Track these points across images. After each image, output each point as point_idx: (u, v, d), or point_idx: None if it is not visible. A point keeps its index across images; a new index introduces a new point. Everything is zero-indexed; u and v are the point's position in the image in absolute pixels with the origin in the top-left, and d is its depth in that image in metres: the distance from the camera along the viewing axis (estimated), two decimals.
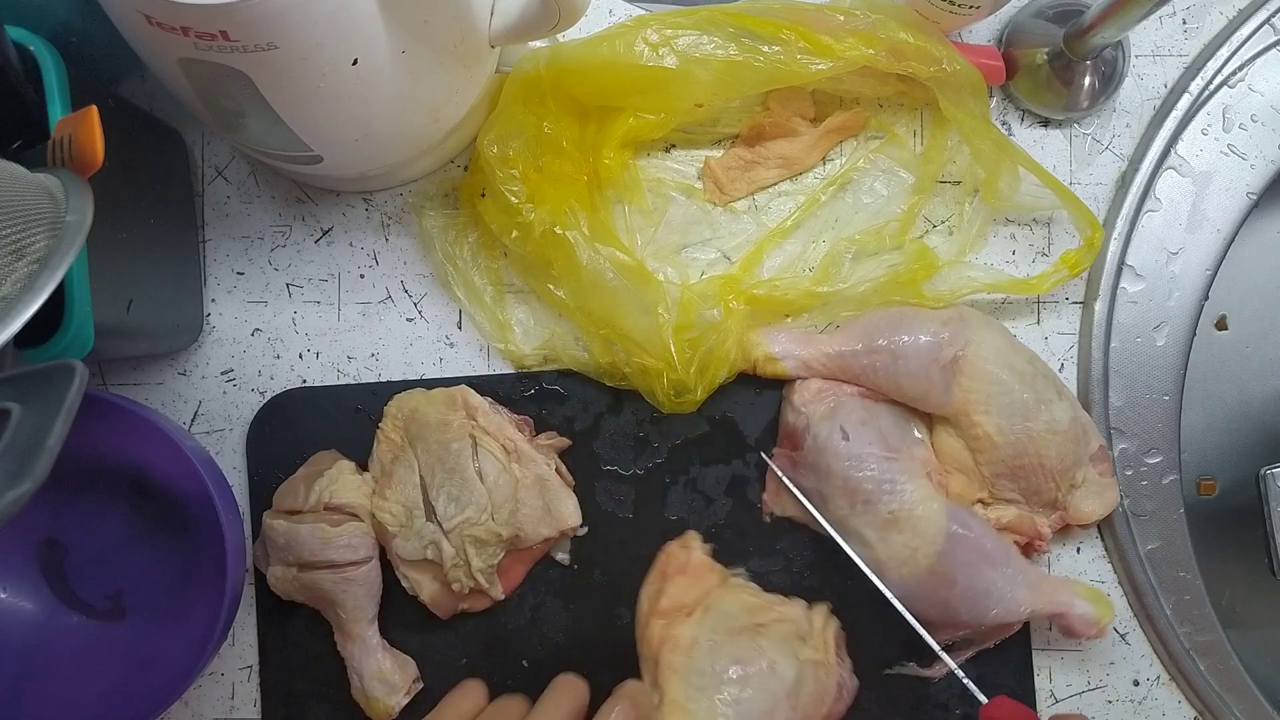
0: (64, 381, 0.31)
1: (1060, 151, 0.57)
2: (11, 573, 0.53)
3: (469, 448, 0.51)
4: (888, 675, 0.54)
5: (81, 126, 0.37)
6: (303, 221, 0.57)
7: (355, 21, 0.37)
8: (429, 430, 0.52)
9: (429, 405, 0.53)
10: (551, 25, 0.43)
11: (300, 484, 0.52)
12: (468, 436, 0.51)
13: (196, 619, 0.49)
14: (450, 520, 0.50)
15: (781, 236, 0.56)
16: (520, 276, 0.56)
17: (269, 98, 0.39)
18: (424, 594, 0.52)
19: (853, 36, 0.51)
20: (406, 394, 0.54)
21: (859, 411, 0.52)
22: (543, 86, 0.51)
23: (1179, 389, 0.55)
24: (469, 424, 0.52)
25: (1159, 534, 0.55)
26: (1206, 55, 0.56)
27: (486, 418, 0.52)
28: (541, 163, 0.52)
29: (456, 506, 0.50)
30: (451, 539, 0.50)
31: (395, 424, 0.53)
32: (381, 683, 0.52)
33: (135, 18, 0.35)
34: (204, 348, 0.56)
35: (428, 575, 0.52)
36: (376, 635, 0.53)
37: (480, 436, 0.52)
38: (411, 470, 0.52)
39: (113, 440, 0.50)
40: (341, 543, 0.50)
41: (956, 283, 0.54)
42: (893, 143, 0.56)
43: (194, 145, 0.57)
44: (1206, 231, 0.55)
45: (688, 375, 0.51)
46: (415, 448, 0.52)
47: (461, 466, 0.51)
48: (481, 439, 0.51)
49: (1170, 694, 0.56)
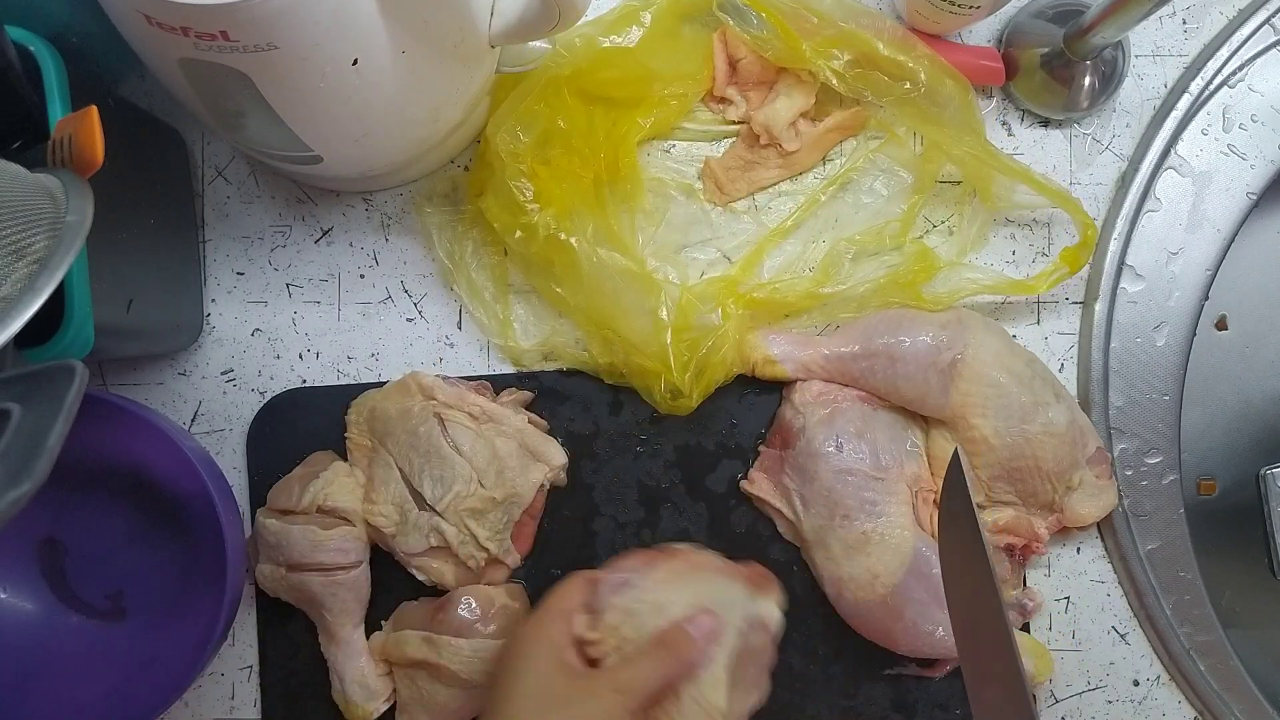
0: (64, 381, 0.31)
1: (1060, 151, 0.57)
2: (11, 573, 0.53)
3: (436, 426, 0.51)
4: (888, 675, 0.54)
5: (81, 126, 0.37)
6: (303, 221, 0.57)
7: (355, 21, 0.37)
8: (393, 423, 0.52)
9: (385, 400, 0.53)
10: (551, 25, 0.43)
11: (295, 484, 0.52)
12: (432, 416, 0.51)
13: (196, 619, 0.49)
14: (441, 501, 0.50)
15: (781, 237, 0.56)
16: (521, 274, 0.56)
17: (269, 98, 0.39)
18: (446, 580, 0.52)
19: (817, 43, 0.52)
20: (361, 397, 0.54)
21: (856, 421, 0.52)
22: (560, 79, 0.51)
23: (1179, 389, 0.55)
24: (430, 404, 0.52)
25: (1159, 534, 0.55)
26: (1206, 55, 0.56)
27: (444, 393, 0.52)
28: (549, 156, 0.52)
29: (442, 486, 0.50)
30: (449, 519, 0.50)
31: (359, 428, 0.53)
32: (362, 687, 0.52)
33: (135, 18, 0.35)
34: (204, 348, 0.56)
35: (441, 561, 0.52)
36: (362, 640, 0.53)
37: (445, 412, 0.51)
38: (390, 467, 0.52)
39: (113, 440, 0.50)
40: (332, 546, 0.50)
41: (956, 284, 0.54)
42: (893, 143, 0.56)
43: (194, 145, 0.57)
44: (1206, 231, 0.55)
45: (683, 380, 0.51)
46: (386, 445, 0.52)
47: (435, 446, 0.51)
48: (446, 414, 0.51)
49: (1170, 694, 0.56)
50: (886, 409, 0.53)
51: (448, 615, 0.50)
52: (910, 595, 0.50)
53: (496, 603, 0.51)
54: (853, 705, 0.54)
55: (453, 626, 0.50)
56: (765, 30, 0.52)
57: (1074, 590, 0.56)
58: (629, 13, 0.53)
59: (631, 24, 0.53)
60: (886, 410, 0.53)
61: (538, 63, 0.51)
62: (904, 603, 0.50)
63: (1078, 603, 0.56)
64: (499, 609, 0.51)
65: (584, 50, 0.52)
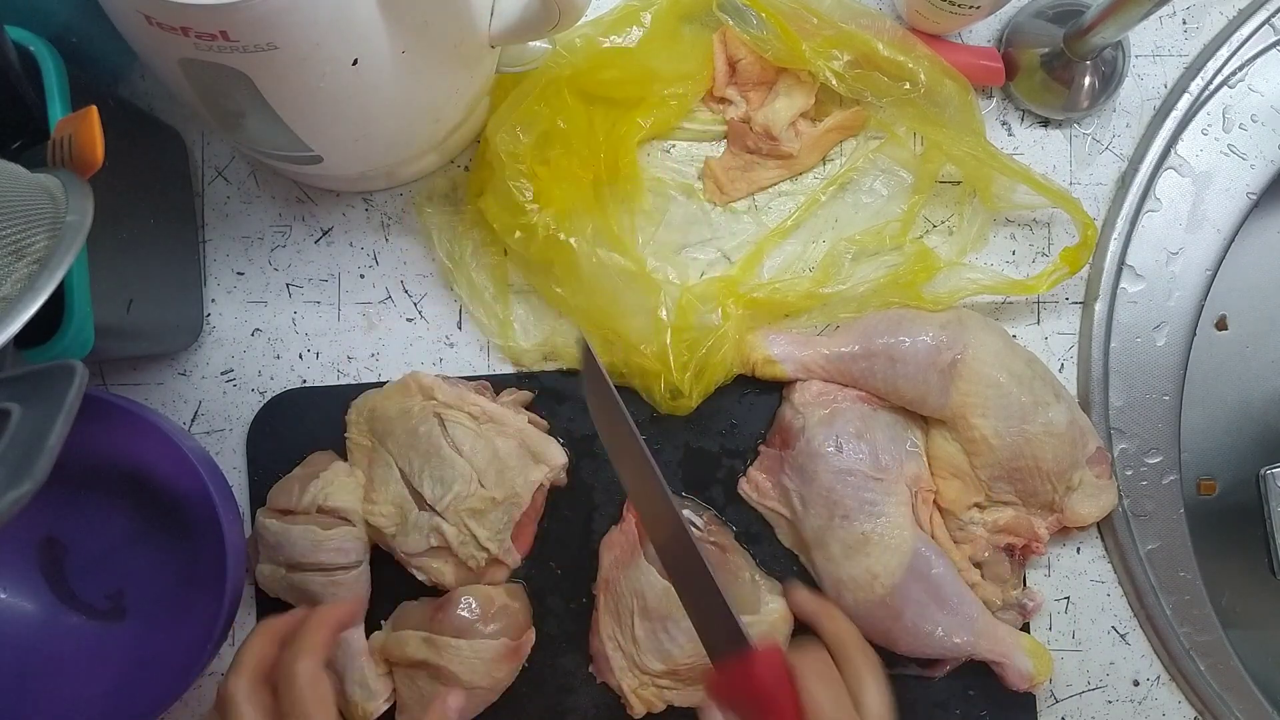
0: (64, 381, 0.31)
1: (1060, 151, 0.57)
2: (11, 573, 0.53)
3: (437, 426, 0.51)
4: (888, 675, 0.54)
5: (81, 126, 0.37)
6: (303, 221, 0.57)
7: (355, 22, 0.37)
8: (393, 423, 0.52)
9: (385, 400, 0.53)
10: (551, 25, 0.43)
11: (295, 484, 0.52)
12: (432, 416, 0.51)
13: (196, 619, 0.49)
14: (441, 501, 0.50)
15: (781, 237, 0.56)
16: (521, 275, 0.56)
17: (269, 98, 0.39)
18: (446, 580, 0.52)
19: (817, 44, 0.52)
20: (361, 397, 0.54)
21: (856, 422, 0.52)
22: (560, 80, 0.51)
23: (1179, 389, 0.55)
24: (430, 404, 0.52)
25: (1159, 534, 0.55)
26: (1206, 55, 0.56)
27: (445, 393, 0.52)
28: (549, 156, 0.52)
29: (442, 486, 0.50)
30: (449, 519, 0.50)
31: (359, 429, 0.53)
32: (362, 687, 0.52)
33: (135, 18, 0.35)
34: (204, 348, 0.56)
35: (441, 561, 0.52)
36: (362, 639, 0.52)
37: (445, 412, 0.51)
38: (390, 467, 0.52)
39: (113, 440, 0.50)
40: (332, 546, 0.50)
41: (956, 284, 0.54)
42: (893, 143, 0.56)
43: (194, 145, 0.57)
44: (1206, 231, 0.55)
45: (683, 380, 0.51)
46: (386, 444, 0.52)
47: (435, 446, 0.51)
48: (447, 414, 0.51)
49: (1170, 694, 0.56)
50: (886, 409, 0.53)
51: (448, 615, 0.50)
52: (910, 595, 0.50)
53: (496, 602, 0.51)
54: None
55: (453, 627, 0.50)
56: (765, 30, 0.52)
57: (1074, 590, 0.56)
58: (629, 13, 0.53)
59: (631, 24, 0.53)
60: (886, 410, 0.53)
61: (538, 63, 0.51)
62: (903, 603, 0.50)
63: (1078, 603, 0.56)
64: (499, 608, 0.51)
65: (584, 50, 0.52)
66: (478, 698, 0.51)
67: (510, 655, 0.51)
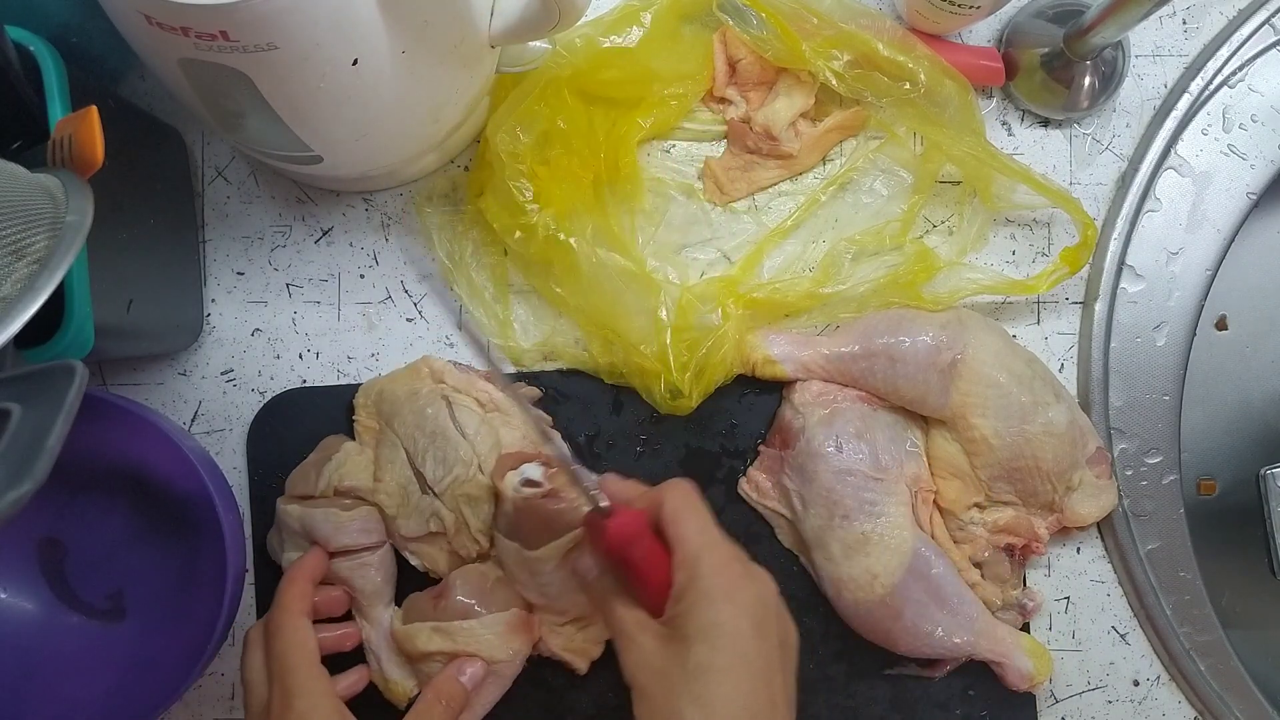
0: (64, 381, 0.31)
1: (1060, 151, 0.57)
2: (11, 573, 0.53)
3: (444, 408, 0.51)
4: (887, 675, 0.54)
5: (81, 126, 0.37)
6: (303, 221, 0.57)
7: (355, 22, 0.37)
8: (401, 404, 0.52)
9: (394, 383, 0.53)
10: (551, 25, 0.43)
11: (311, 469, 0.52)
12: (440, 399, 0.51)
13: (196, 619, 0.49)
14: (441, 483, 0.50)
15: (781, 237, 0.56)
16: (521, 274, 0.56)
17: (269, 98, 0.39)
18: (440, 566, 0.52)
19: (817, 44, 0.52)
20: (370, 381, 0.54)
21: (856, 422, 0.52)
22: (560, 80, 0.51)
23: (1179, 389, 0.55)
24: (439, 388, 0.52)
25: (1159, 534, 0.55)
26: (1206, 55, 0.56)
27: (454, 377, 0.52)
28: (549, 156, 0.52)
29: (444, 467, 0.50)
30: (446, 503, 0.50)
31: (367, 411, 0.54)
32: (401, 666, 0.52)
33: (135, 18, 0.35)
34: (204, 348, 0.56)
35: (436, 548, 0.52)
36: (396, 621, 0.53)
37: (453, 395, 0.52)
38: (395, 448, 0.52)
39: (113, 440, 0.50)
40: (354, 527, 0.50)
41: (956, 284, 0.54)
42: (893, 142, 0.56)
43: (194, 145, 0.57)
44: (1206, 231, 0.55)
45: (683, 380, 0.51)
46: (393, 425, 0.52)
47: (441, 427, 0.51)
48: (455, 397, 0.52)
49: (1170, 694, 0.56)
50: (886, 409, 0.53)
51: (449, 602, 0.50)
52: (909, 595, 0.50)
53: (490, 577, 0.51)
54: (852, 705, 0.54)
55: (456, 612, 0.50)
56: (765, 31, 0.52)
57: (1074, 590, 0.56)
58: (629, 13, 0.53)
59: (631, 24, 0.53)
60: (886, 410, 0.53)
61: (538, 63, 0.51)
62: (903, 603, 0.50)
63: (1078, 603, 0.56)
64: (494, 583, 0.51)
65: (584, 50, 0.52)
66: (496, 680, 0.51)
67: (523, 625, 0.51)
